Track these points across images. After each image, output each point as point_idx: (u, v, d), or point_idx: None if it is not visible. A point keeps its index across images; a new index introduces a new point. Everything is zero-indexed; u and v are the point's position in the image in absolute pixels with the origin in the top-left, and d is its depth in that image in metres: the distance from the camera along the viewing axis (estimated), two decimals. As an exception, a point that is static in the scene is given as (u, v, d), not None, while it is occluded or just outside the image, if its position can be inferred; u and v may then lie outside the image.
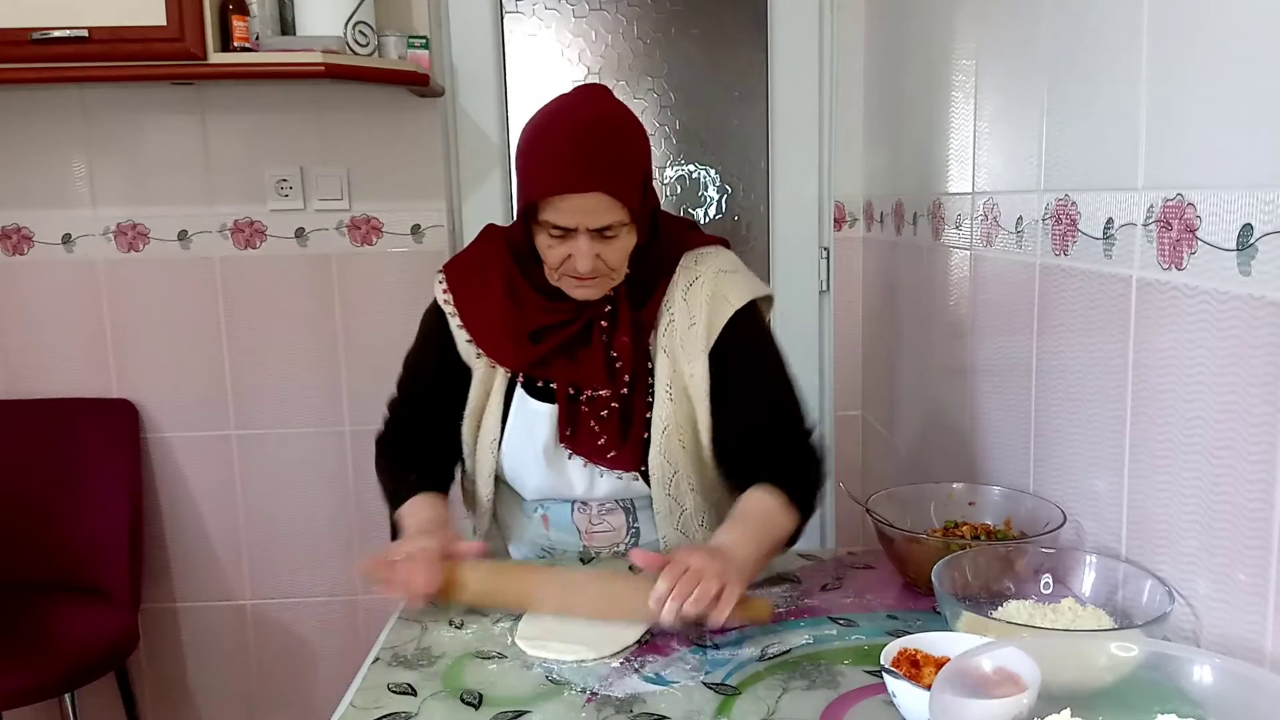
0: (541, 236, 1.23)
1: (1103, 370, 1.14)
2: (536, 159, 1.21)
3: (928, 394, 1.89)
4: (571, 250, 1.21)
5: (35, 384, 2.30)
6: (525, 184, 1.23)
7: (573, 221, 1.19)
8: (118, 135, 2.24)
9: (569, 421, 1.32)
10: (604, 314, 1.31)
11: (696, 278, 1.34)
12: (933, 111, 1.80)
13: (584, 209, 1.19)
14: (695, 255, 1.36)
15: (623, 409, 1.33)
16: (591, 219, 1.20)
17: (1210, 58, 0.93)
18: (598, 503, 1.38)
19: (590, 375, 1.31)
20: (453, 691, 1.02)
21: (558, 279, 1.27)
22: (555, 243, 1.22)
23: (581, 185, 1.18)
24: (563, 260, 1.23)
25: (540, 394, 1.35)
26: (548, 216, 1.20)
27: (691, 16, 2.36)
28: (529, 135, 1.24)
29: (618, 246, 1.24)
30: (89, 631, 2.04)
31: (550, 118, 1.23)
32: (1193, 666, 0.82)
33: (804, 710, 0.96)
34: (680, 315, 1.33)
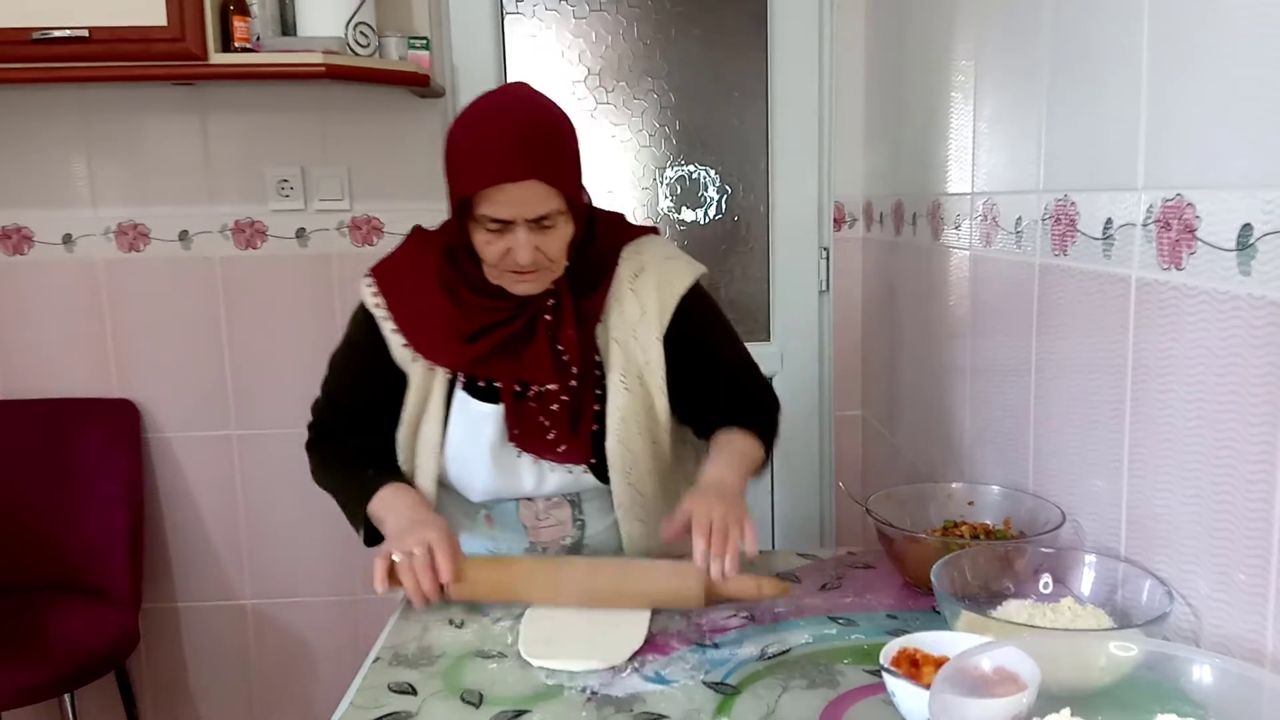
0: (479, 233, 1.22)
1: (1102, 370, 1.14)
2: (469, 153, 1.20)
3: (928, 394, 1.89)
4: (510, 244, 1.20)
5: (35, 384, 2.30)
6: (459, 179, 1.21)
7: (510, 213, 1.18)
8: (118, 135, 2.24)
9: (516, 419, 1.32)
10: (547, 308, 1.31)
11: (642, 267, 1.36)
12: (933, 111, 1.80)
13: (520, 199, 1.18)
14: (636, 245, 1.38)
15: (572, 402, 1.33)
16: (528, 209, 1.19)
17: (1210, 58, 0.93)
18: (544, 498, 1.39)
19: (537, 371, 1.30)
20: (453, 691, 1.02)
21: (498, 276, 1.25)
22: (493, 238, 1.21)
23: (517, 174, 1.17)
24: (502, 255, 1.22)
25: (483, 394, 1.34)
26: (485, 210, 1.18)
27: (691, 17, 2.36)
28: (458, 132, 1.23)
29: (556, 237, 1.23)
30: (89, 631, 2.04)
31: (478, 114, 1.23)
32: (1192, 666, 0.82)
33: (804, 710, 0.96)
34: (630, 305, 1.35)
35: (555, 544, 1.42)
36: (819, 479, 2.52)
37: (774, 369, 2.47)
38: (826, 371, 2.47)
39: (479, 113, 1.23)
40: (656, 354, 1.34)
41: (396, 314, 1.34)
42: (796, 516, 2.52)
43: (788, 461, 2.50)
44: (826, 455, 2.51)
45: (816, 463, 2.51)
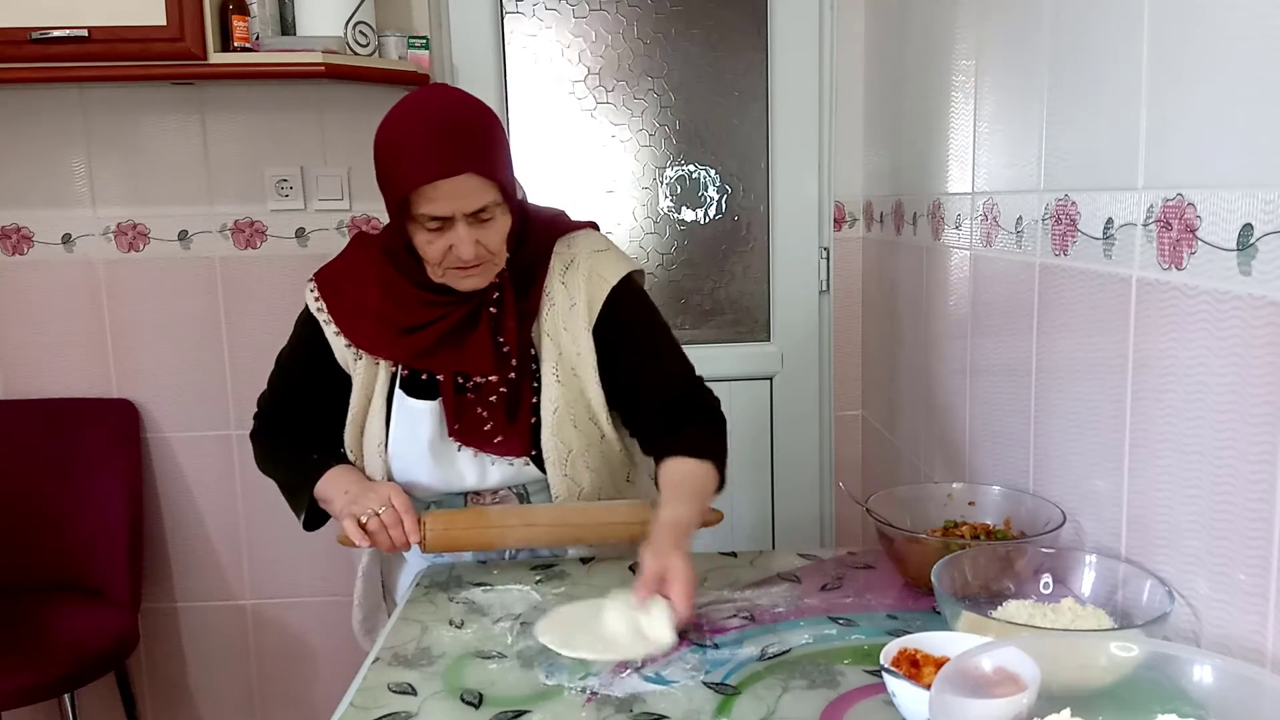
0: (419, 234, 1.23)
1: (1103, 370, 1.14)
2: (400, 154, 1.20)
3: (928, 394, 1.89)
4: (451, 240, 1.22)
5: (35, 384, 2.30)
6: (393, 181, 1.21)
7: (448, 208, 1.19)
8: (118, 135, 2.24)
9: (456, 413, 1.33)
10: (491, 300, 1.32)
11: (572, 260, 1.38)
12: (933, 111, 1.80)
13: (457, 193, 1.19)
14: (568, 239, 1.39)
15: (510, 394, 1.34)
16: (466, 203, 1.20)
17: (1210, 58, 0.93)
18: (490, 491, 1.40)
19: (478, 362, 1.31)
20: (453, 691, 1.02)
21: (441, 275, 1.27)
22: (434, 236, 1.22)
23: (450, 169, 1.18)
24: (444, 253, 1.23)
25: (419, 391, 1.35)
26: (423, 209, 1.19)
27: (691, 17, 2.36)
28: (386, 135, 1.24)
29: (495, 229, 1.24)
30: (89, 631, 2.04)
31: (404, 115, 1.23)
32: (1193, 666, 0.82)
33: (804, 710, 0.96)
34: (560, 298, 1.36)
35: None
36: (819, 479, 2.52)
37: (774, 369, 2.47)
38: (826, 371, 2.47)
39: (404, 114, 1.24)
40: (587, 345, 1.36)
41: (337, 315, 1.37)
42: (796, 516, 2.52)
43: (788, 461, 2.50)
44: (826, 455, 2.51)
45: (816, 463, 2.51)
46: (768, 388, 2.47)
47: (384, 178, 1.24)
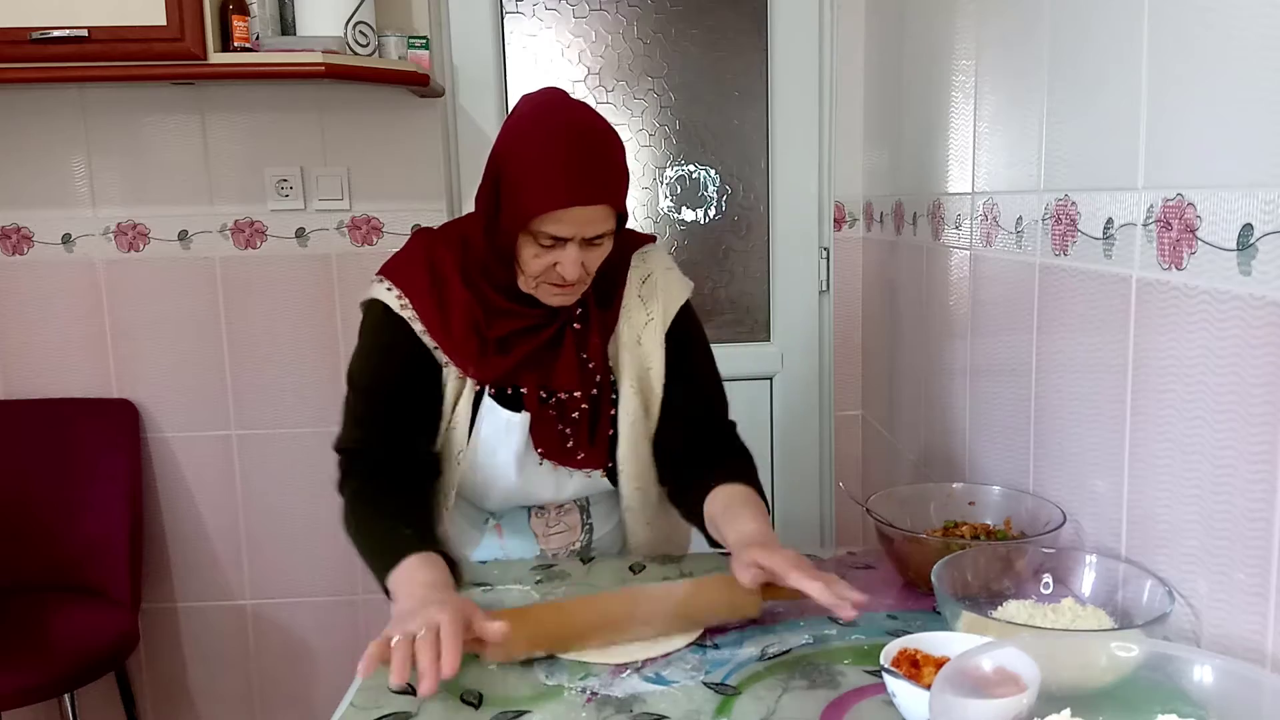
0: (528, 247, 1.20)
1: (1103, 370, 1.14)
2: (537, 171, 1.16)
3: (928, 394, 1.89)
4: (558, 259, 1.19)
5: (35, 384, 2.30)
6: (524, 197, 1.17)
7: (571, 232, 1.18)
8: (118, 135, 2.24)
9: (541, 427, 1.32)
10: (575, 317, 1.31)
11: (649, 274, 1.39)
12: (933, 111, 1.80)
13: (585, 220, 1.18)
14: (642, 254, 1.40)
15: (591, 410, 1.34)
16: (588, 229, 1.19)
17: (1210, 58, 0.93)
18: (556, 505, 1.40)
19: (565, 379, 1.30)
20: (453, 691, 1.02)
21: (533, 286, 1.24)
22: (543, 252, 1.20)
23: (589, 198, 1.17)
24: (547, 269, 1.21)
25: (508, 401, 1.32)
26: (547, 228, 1.17)
27: (691, 17, 2.36)
28: (521, 149, 1.19)
29: (600, 253, 1.24)
30: (89, 631, 2.04)
31: (543, 131, 1.19)
32: (1193, 667, 0.82)
33: (804, 710, 0.96)
34: (636, 311, 1.37)
35: (565, 549, 1.43)
36: (819, 479, 2.52)
37: (774, 369, 2.47)
38: (826, 371, 2.47)
39: (543, 130, 1.19)
40: (659, 359, 1.36)
41: (424, 316, 1.29)
42: (797, 517, 2.52)
43: (788, 461, 2.50)
44: (826, 455, 2.51)
45: (816, 463, 2.51)
46: (768, 388, 2.47)
47: (512, 188, 1.18)
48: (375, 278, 1.34)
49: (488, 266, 1.27)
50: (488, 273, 1.27)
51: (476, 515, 1.41)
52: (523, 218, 1.18)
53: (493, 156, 1.23)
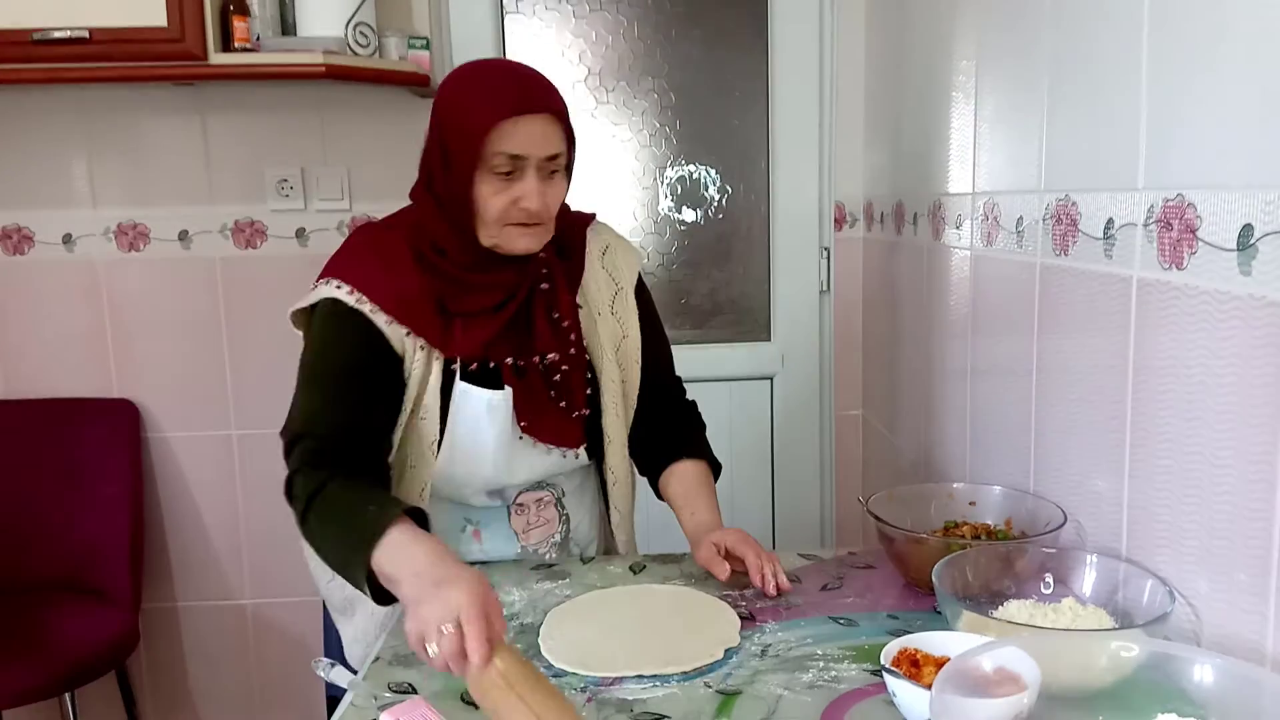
0: (485, 185, 1.18)
1: (1103, 370, 1.14)
2: (480, 92, 1.18)
3: (928, 394, 1.89)
4: (518, 193, 1.18)
5: (35, 384, 2.30)
6: (475, 119, 1.16)
7: (526, 148, 1.17)
8: (118, 135, 2.24)
9: (524, 402, 1.28)
10: (541, 277, 1.30)
11: (607, 245, 1.41)
12: (933, 112, 1.80)
13: (538, 135, 1.18)
14: (595, 226, 1.42)
15: (566, 379, 1.31)
16: (542, 145, 1.18)
17: (1210, 58, 0.93)
18: (534, 499, 1.38)
19: (542, 342, 1.29)
20: (453, 691, 1.02)
21: (497, 233, 1.21)
22: (502, 186, 1.18)
23: (535, 105, 1.17)
24: (508, 205, 1.19)
25: (482, 381, 1.26)
26: (501, 146, 1.15)
27: (692, 17, 2.36)
28: (460, 81, 1.22)
29: (557, 188, 1.24)
30: (89, 631, 2.04)
31: (478, 65, 1.25)
32: (1193, 666, 0.82)
33: (804, 710, 0.96)
34: (603, 281, 1.39)
35: (545, 543, 1.41)
36: (819, 479, 2.52)
37: (774, 369, 2.47)
38: (827, 371, 2.47)
39: (478, 65, 1.25)
40: (635, 327, 1.39)
41: (385, 305, 1.22)
42: (797, 517, 2.52)
43: (788, 461, 2.50)
44: (827, 455, 2.51)
45: (816, 463, 2.51)
46: (768, 388, 2.47)
47: (459, 118, 1.18)
48: (318, 282, 1.27)
49: (439, 241, 1.24)
50: (442, 249, 1.25)
51: (453, 520, 1.35)
52: (475, 144, 1.16)
53: (432, 117, 1.23)
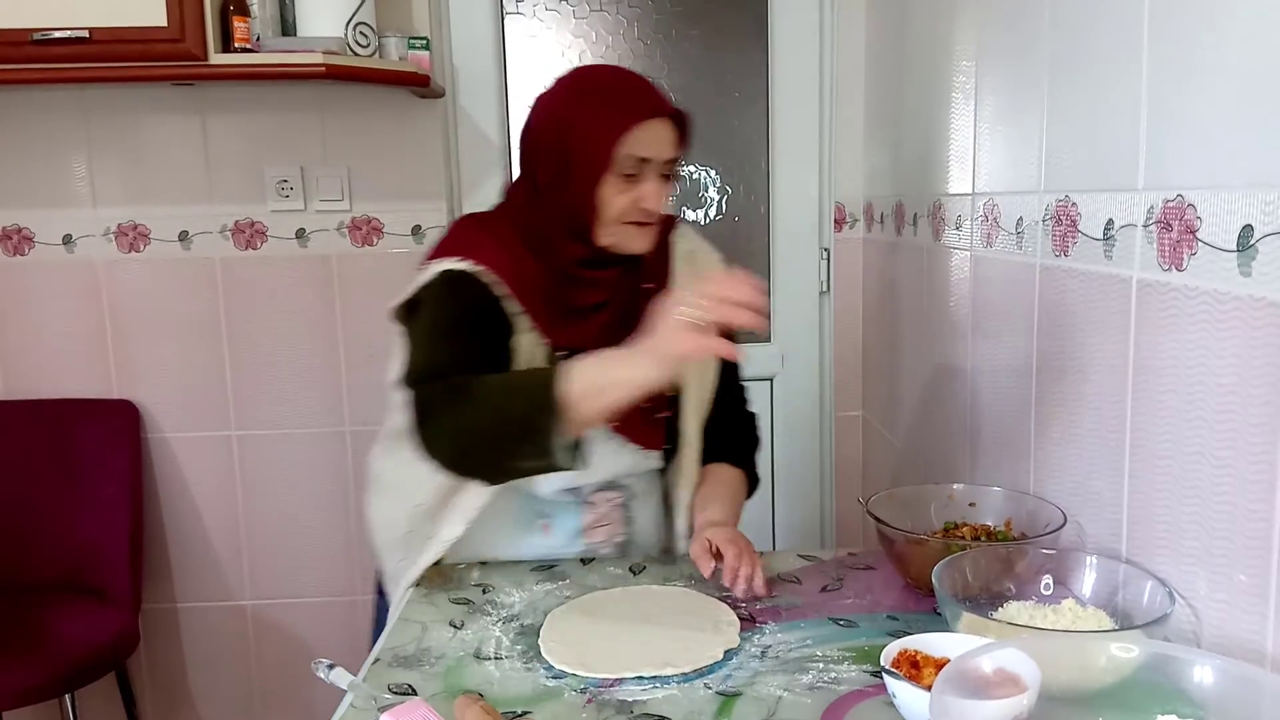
0: (609, 186, 1.22)
1: (1103, 371, 1.14)
2: (610, 98, 1.23)
3: (928, 394, 1.89)
4: (641, 192, 1.23)
5: (35, 384, 2.30)
6: (601, 124, 1.20)
7: (653, 150, 1.22)
8: (118, 135, 2.24)
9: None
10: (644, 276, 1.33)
11: (692, 250, 1.42)
12: (933, 112, 1.80)
13: (664, 138, 1.23)
14: (681, 228, 1.44)
15: None
16: (667, 149, 1.24)
17: (1210, 58, 0.93)
18: (606, 498, 1.39)
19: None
20: (453, 692, 1.02)
21: (615, 231, 1.25)
22: (626, 186, 1.23)
23: (663, 110, 1.23)
24: (629, 205, 1.24)
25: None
26: (630, 149, 1.21)
27: (692, 17, 2.36)
28: (580, 87, 1.26)
29: (668, 191, 1.27)
30: (89, 631, 2.04)
31: (589, 71, 1.30)
32: (1193, 667, 0.82)
33: (804, 711, 0.96)
34: (689, 280, 1.37)
35: (608, 542, 1.42)
36: (819, 479, 2.52)
37: (774, 369, 2.47)
38: (827, 372, 2.47)
39: (594, 72, 1.31)
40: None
41: (505, 280, 1.24)
42: (797, 518, 2.52)
43: (788, 462, 2.50)
44: (827, 456, 2.51)
45: (817, 463, 2.51)
46: (768, 388, 2.47)
47: (588, 123, 1.21)
48: (427, 263, 1.27)
49: (551, 240, 1.27)
50: (552, 246, 1.27)
51: (523, 511, 1.36)
52: (607, 147, 1.20)
53: (545, 122, 1.26)
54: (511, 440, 1.11)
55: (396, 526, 1.36)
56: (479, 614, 1.22)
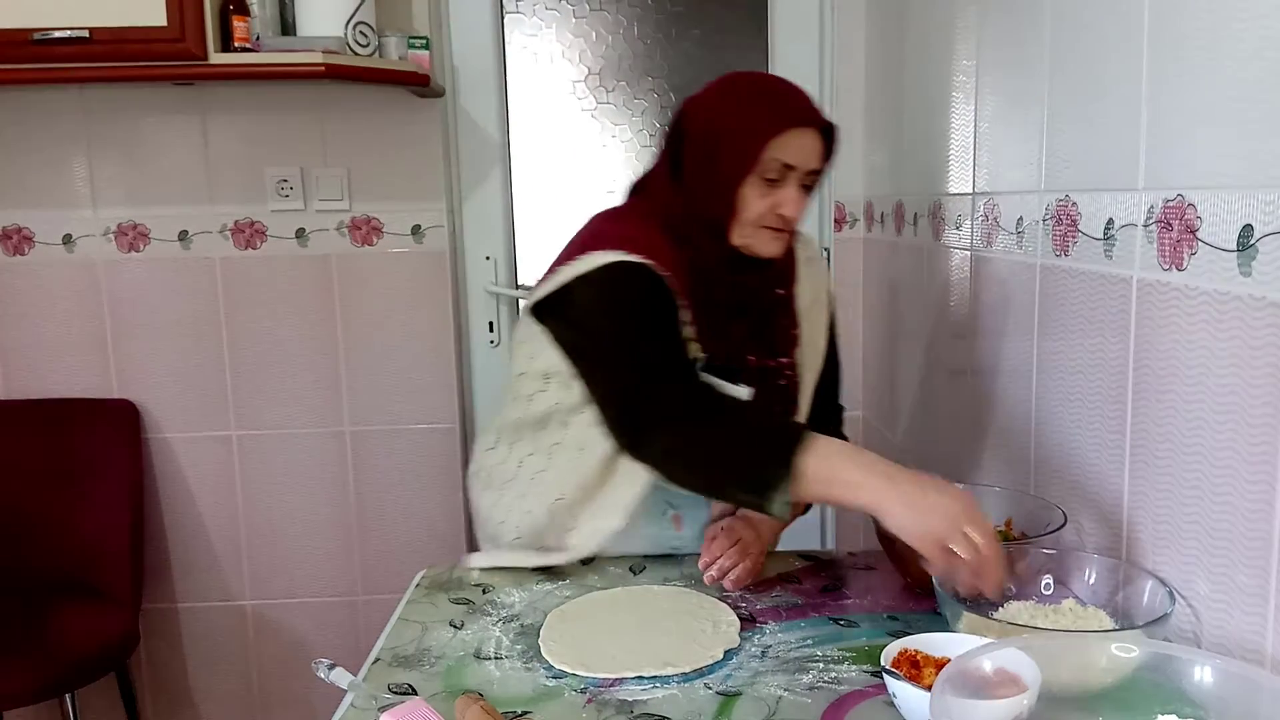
0: (751, 189, 1.21)
1: (1103, 371, 1.14)
2: (763, 101, 1.22)
3: (928, 394, 1.89)
4: (781, 198, 1.22)
5: (35, 384, 2.30)
6: (751, 125, 1.19)
7: (799, 158, 1.20)
8: (118, 135, 2.24)
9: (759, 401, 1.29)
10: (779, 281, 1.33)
11: (811, 256, 1.42)
12: (933, 112, 1.80)
13: (810, 148, 1.21)
14: (802, 235, 1.40)
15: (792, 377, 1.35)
16: (813, 159, 1.22)
17: (1210, 58, 0.93)
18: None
19: (784, 344, 1.33)
20: (453, 692, 1.02)
21: (751, 234, 1.23)
22: (767, 191, 1.21)
23: (816, 119, 1.21)
24: (768, 210, 1.22)
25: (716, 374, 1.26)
26: (777, 154, 1.19)
27: (692, 17, 2.36)
28: (735, 88, 1.25)
29: (807, 203, 1.26)
30: (89, 631, 2.04)
31: (748, 75, 1.28)
32: (1193, 667, 0.82)
33: (804, 711, 0.96)
34: (806, 289, 1.39)
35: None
36: (819, 479, 2.51)
37: (774, 369, 2.46)
38: (827, 372, 2.47)
39: (752, 76, 1.29)
40: (824, 342, 1.41)
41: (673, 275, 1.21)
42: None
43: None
44: (827, 455, 2.50)
45: (817, 463, 2.50)
46: (768, 388, 2.47)
47: (738, 123, 1.21)
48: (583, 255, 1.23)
49: (691, 236, 1.25)
50: (692, 242, 1.25)
51: (655, 503, 1.34)
52: (755, 149, 1.19)
53: (695, 118, 1.25)
54: (738, 477, 1.12)
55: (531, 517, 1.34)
56: (479, 614, 1.22)
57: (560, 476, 1.31)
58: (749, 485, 1.09)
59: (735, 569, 1.26)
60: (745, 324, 1.29)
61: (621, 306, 1.22)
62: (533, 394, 1.31)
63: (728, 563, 1.26)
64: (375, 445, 2.37)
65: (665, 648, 1.09)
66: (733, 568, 1.26)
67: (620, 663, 1.06)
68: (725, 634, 1.12)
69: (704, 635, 1.12)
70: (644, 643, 1.11)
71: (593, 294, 1.22)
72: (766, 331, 1.31)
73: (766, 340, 1.31)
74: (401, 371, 2.35)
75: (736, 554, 1.26)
